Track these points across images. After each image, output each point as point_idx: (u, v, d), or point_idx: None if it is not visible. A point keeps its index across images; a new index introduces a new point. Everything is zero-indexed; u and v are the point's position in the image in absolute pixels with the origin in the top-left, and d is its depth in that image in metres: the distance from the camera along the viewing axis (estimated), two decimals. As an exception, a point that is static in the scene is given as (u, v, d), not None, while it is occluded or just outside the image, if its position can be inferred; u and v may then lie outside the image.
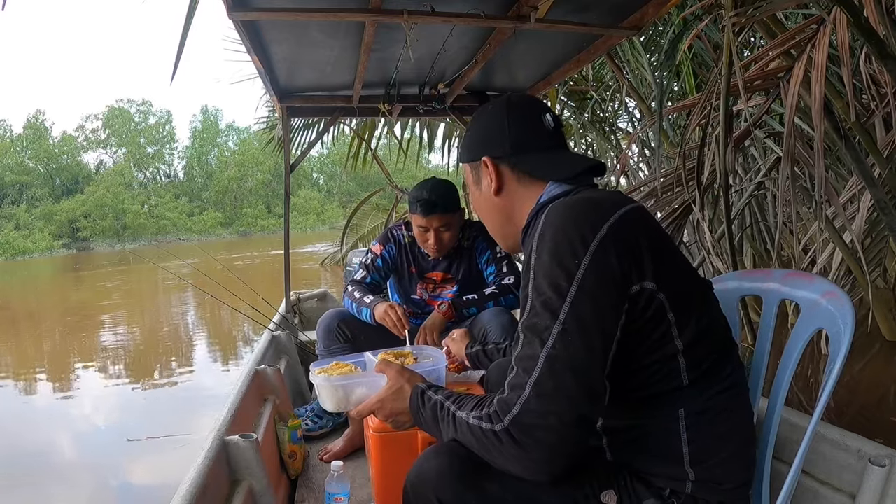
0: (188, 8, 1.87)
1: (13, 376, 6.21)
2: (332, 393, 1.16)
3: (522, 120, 1.04)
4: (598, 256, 0.82)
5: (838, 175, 3.79)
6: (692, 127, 3.01)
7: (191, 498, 1.25)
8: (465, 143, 1.12)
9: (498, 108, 1.07)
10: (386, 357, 1.27)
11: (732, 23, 2.44)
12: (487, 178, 1.05)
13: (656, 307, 0.86)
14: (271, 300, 3.43)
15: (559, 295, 0.81)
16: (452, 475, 0.91)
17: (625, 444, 0.96)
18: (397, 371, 1.05)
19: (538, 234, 0.88)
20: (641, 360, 0.89)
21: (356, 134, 6.13)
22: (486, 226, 1.14)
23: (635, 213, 0.89)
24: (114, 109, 46.68)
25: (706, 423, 0.90)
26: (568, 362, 0.80)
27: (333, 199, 44.91)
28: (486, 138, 1.06)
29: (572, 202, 0.91)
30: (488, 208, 1.09)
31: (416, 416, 0.99)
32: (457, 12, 1.75)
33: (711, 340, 0.92)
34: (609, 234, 0.83)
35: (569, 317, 0.80)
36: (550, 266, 0.83)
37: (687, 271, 0.94)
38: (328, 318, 2.20)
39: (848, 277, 3.22)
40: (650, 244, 0.87)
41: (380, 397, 1.04)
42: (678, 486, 0.92)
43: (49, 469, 3.54)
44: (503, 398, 0.83)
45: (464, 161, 1.12)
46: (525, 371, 0.81)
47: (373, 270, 2.27)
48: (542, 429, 0.80)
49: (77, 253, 34.97)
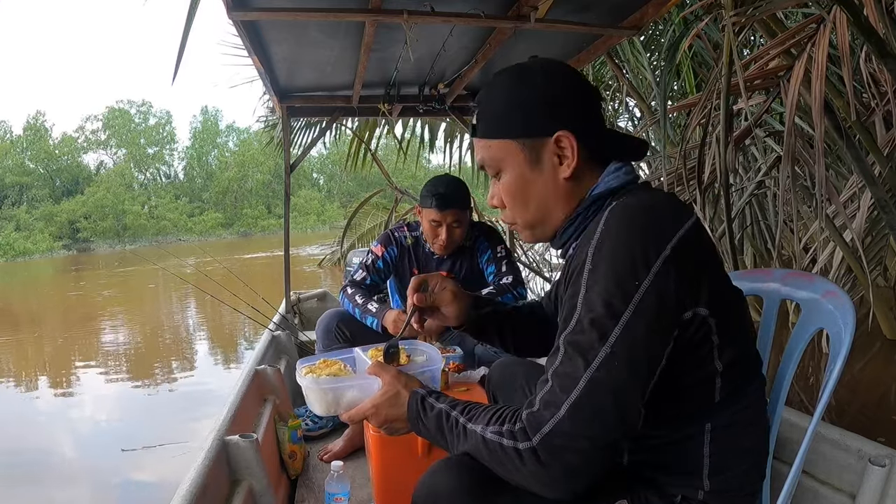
0: (189, 9, 1.87)
1: (13, 376, 6.21)
2: (321, 396, 1.09)
3: (589, 89, 0.91)
4: (660, 279, 0.76)
5: (839, 174, 3.79)
6: (692, 126, 3.02)
7: (191, 498, 1.25)
8: (507, 112, 0.90)
9: (563, 72, 0.91)
10: (377, 354, 1.21)
11: (732, 22, 2.44)
12: (555, 158, 0.89)
13: (704, 332, 0.81)
14: (277, 299, 3.41)
15: (612, 315, 0.75)
16: (464, 492, 0.87)
17: (644, 454, 0.93)
18: (393, 376, 0.98)
19: (596, 241, 0.79)
20: (679, 381, 0.84)
21: (355, 134, 6.13)
22: (529, 216, 0.95)
23: (694, 230, 0.82)
24: (114, 110, 46.70)
25: (730, 436, 0.88)
26: (611, 387, 0.74)
27: (334, 199, 44.91)
28: (553, 106, 0.88)
29: (634, 210, 0.82)
30: (548, 195, 0.91)
31: (415, 423, 0.93)
32: (457, 12, 1.75)
33: (746, 357, 0.89)
34: (672, 255, 0.77)
35: (619, 340, 0.75)
36: (607, 282, 0.77)
37: (730, 287, 0.88)
38: (328, 318, 2.20)
39: (848, 276, 3.22)
40: (706, 266, 0.82)
41: (374, 403, 0.97)
42: (691, 494, 0.90)
43: (45, 469, 3.55)
44: (534, 414, 0.77)
45: (506, 136, 0.90)
46: (562, 389, 0.76)
47: (373, 272, 2.26)
48: (572, 451, 0.75)
49: (77, 254, 34.95)
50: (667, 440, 0.90)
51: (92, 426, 4.42)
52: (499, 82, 0.93)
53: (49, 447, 3.95)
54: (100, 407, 4.85)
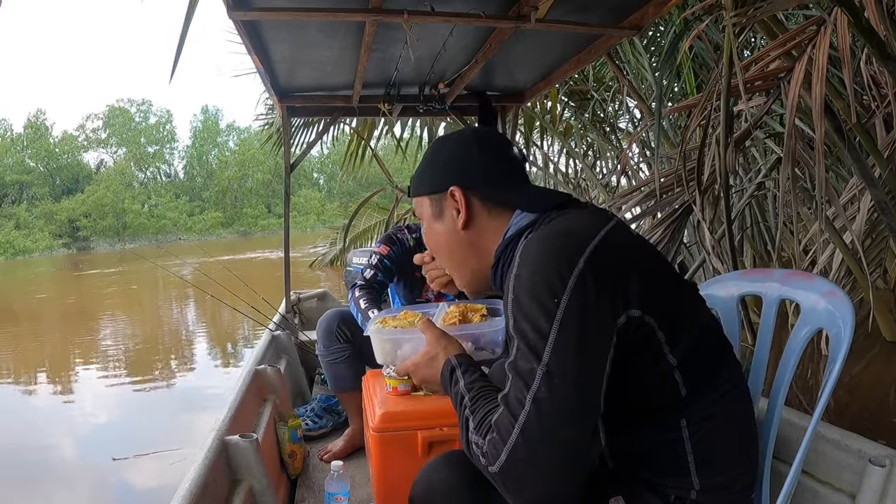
0: (188, 7, 1.87)
1: (12, 376, 6.21)
2: (380, 345, 1.16)
3: (492, 150, 1.00)
4: (578, 292, 0.79)
5: (839, 176, 3.79)
6: (692, 127, 3.01)
7: (191, 498, 1.25)
8: (422, 174, 1.05)
9: (465, 138, 1.03)
10: (454, 311, 1.22)
11: (733, 23, 2.43)
12: (453, 210, 0.99)
13: (645, 331, 0.83)
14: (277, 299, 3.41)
15: (540, 336, 0.78)
16: (463, 486, 0.88)
17: (630, 457, 0.94)
18: (436, 336, 1.01)
19: (514, 273, 0.84)
20: (637, 381, 0.87)
21: (356, 133, 6.12)
22: (447, 265, 1.07)
23: (612, 235, 0.85)
24: (114, 109, 46.72)
25: (709, 429, 0.89)
26: (555, 405, 0.77)
27: (334, 199, 44.90)
28: (453, 167, 1.00)
29: (544, 235, 0.87)
30: (452, 244, 1.02)
31: (447, 389, 0.96)
32: (457, 12, 1.75)
33: (706, 346, 0.90)
34: (586, 266, 0.80)
35: (552, 359, 0.77)
36: (530, 307, 0.80)
37: (671, 282, 0.91)
38: (328, 319, 2.20)
39: (848, 278, 3.21)
40: (631, 267, 0.84)
41: (415, 361, 1.01)
42: (684, 494, 0.91)
43: (41, 469, 3.54)
44: (493, 440, 0.80)
45: (421, 194, 1.04)
46: (511, 414, 0.78)
47: (381, 270, 2.24)
48: (534, 476, 0.77)
49: (77, 252, 34.97)
50: (648, 441, 0.91)
51: (91, 426, 4.42)
52: (431, 147, 1.07)
53: (47, 446, 3.95)
54: (98, 407, 4.85)
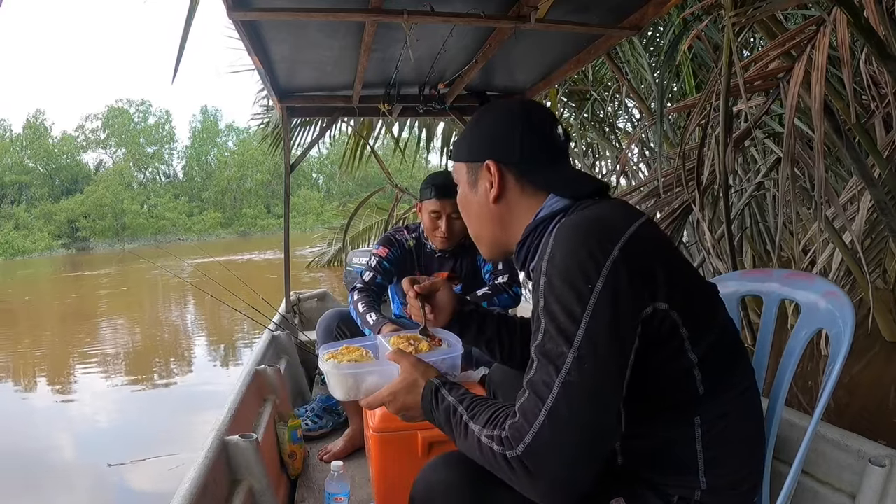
0: (188, 8, 1.87)
1: (12, 375, 6.20)
2: (342, 381, 1.12)
3: (535, 129, 1.00)
4: (611, 280, 0.80)
5: (838, 176, 3.79)
6: (692, 127, 3.01)
7: (191, 498, 1.25)
8: (465, 140, 1.06)
9: (511, 111, 1.02)
10: (399, 342, 1.22)
11: (732, 23, 2.44)
12: (487, 183, 1.01)
13: (669, 325, 0.84)
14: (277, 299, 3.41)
15: (573, 320, 0.79)
16: (463, 486, 0.89)
17: (639, 453, 0.94)
18: (412, 363, 1.01)
19: (547, 256, 0.85)
20: (656, 375, 0.87)
21: (356, 132, 6.12)
22: (472, 230, 1.09)
23: (644, 228, 0.86)
24: (113, 109, 46.70)
25: (721, 429, 0.89)
26: (584, 389, 0.77)
27: (333, 199, 44.90)
28: (493, 140, 1.01)
29: (579, 221, 0.87)
30: (482, 214, 1.04)
31: (429, 413, 0.96)
32: (457, 12, 1.75)
33: (724, 346, 0.91)
34: (620, 255, 0.81)
35: (583, 343, 0.78)
36: (563, 290, 0.81)
37: (696, 282, 0.92)
38: (328, 318, 2.19)
39: (848, 278, 3.22)
40: (661, 261, 0.85)
41: (392, 390, 1.00)
42: (688, 494, 0.91)
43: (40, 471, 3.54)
44: (515, 424, 0.80)
45: (461, 159, 1.06)
46: (539, 397, 0.79)
47: (380, 272, 2.24)
48: (557, 458, 0.77)
49: (76, 253, 34.95)
50: (659, 438, 0.91)
51: (90, 426, 4.41)
52: (478, 113, 1.08)
53: (46, 447, 3.94)
54: (98, 407, 4.84)
